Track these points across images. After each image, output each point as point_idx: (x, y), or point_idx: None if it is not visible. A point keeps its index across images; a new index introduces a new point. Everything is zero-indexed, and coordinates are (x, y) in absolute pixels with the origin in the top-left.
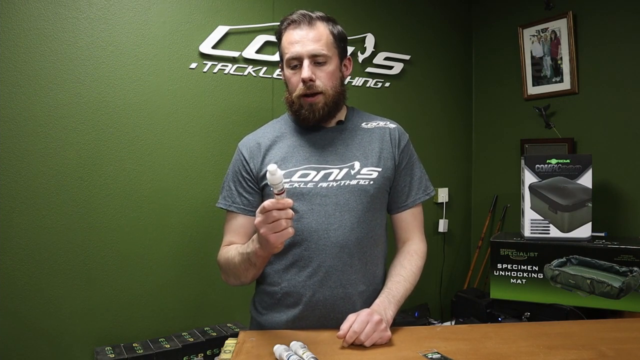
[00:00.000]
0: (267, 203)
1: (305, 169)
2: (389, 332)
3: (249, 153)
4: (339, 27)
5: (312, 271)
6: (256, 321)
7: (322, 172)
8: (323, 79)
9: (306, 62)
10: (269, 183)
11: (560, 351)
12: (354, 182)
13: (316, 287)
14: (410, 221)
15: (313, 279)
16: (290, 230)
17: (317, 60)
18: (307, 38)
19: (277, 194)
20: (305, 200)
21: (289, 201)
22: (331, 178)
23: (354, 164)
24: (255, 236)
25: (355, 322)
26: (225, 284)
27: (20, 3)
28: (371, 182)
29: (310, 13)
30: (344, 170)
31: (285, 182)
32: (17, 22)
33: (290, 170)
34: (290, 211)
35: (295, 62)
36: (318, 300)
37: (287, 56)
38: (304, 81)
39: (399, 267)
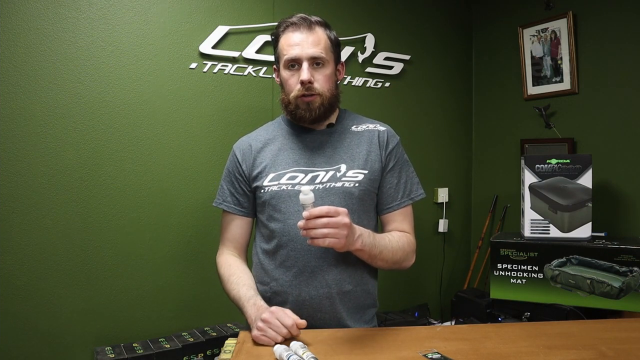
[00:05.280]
0: (266, 315)
1: (294, 171)
2: (345, 239)
3: (242, 155)
4: (334, 33)
5: (298, 271)
6: (249, 324)
7: (309, 175)
8: (321, 82)
9: (305, 65)
10: (300, 202)
11: (560, 351)
12: (339, 184)
13: (302, 286)
14: (399, 220)
15: (299, 278)
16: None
17: (315, 62)
18: (307, 41)
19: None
20: (292, 202)
21: (300, 321)
22: (318, 180)
23: (340, 167)
24: (251, 308)
25: (323, 208)
26: None
27: (20, 3)
28: (356, 185)
29: (309, 17)
30: (330, 173)
31: (273, 185)
32: (17, 21)
33: (279, 173)
34: (285, 329)
35: (294, 64)
36: (304, 299)
37: (285, 57)
38: (302, 83)
39: (387, 234)
